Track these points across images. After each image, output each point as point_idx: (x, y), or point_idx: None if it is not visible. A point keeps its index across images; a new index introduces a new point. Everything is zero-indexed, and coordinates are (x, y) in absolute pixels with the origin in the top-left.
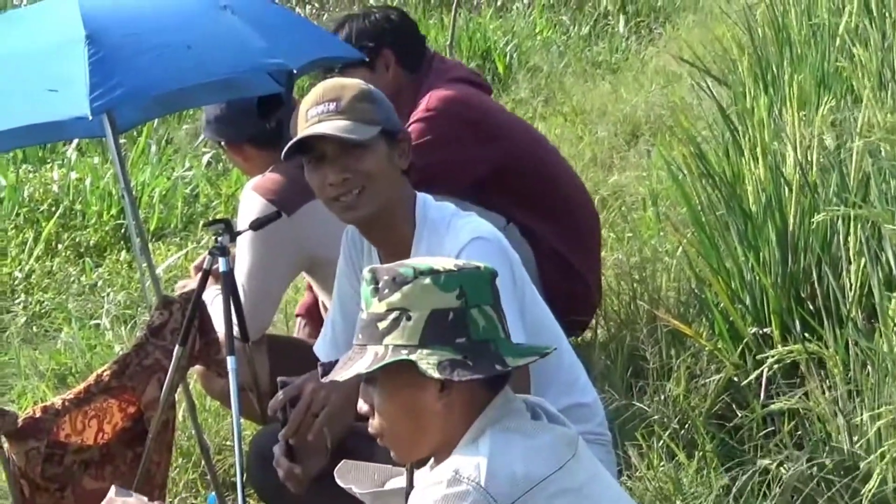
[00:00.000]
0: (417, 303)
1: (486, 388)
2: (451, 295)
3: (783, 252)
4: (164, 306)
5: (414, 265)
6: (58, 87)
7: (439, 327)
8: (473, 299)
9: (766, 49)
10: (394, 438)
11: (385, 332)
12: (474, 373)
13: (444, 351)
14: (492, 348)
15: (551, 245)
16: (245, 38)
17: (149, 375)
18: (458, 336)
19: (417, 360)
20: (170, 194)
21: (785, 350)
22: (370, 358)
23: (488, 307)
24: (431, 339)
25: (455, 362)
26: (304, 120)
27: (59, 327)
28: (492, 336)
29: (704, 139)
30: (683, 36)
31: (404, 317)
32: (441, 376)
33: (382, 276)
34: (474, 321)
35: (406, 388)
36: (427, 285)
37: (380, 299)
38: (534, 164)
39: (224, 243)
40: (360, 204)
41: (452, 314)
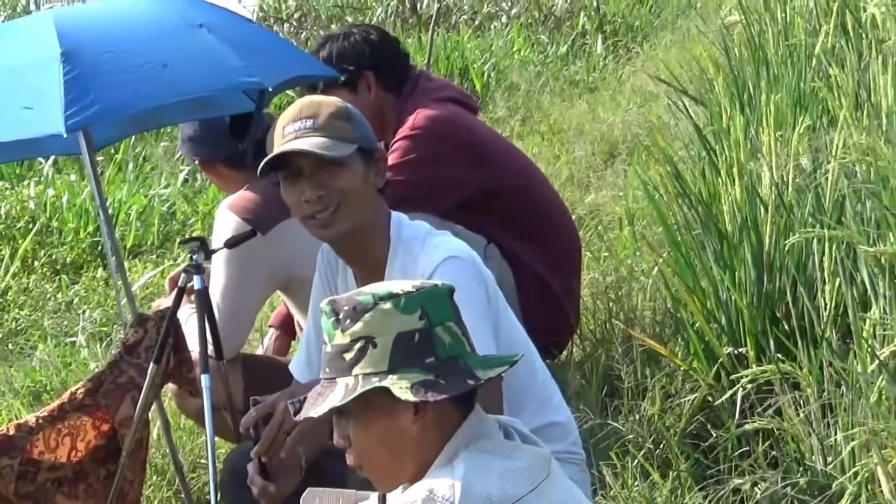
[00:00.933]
0: (381, 329)
1: (457, 409)
2: (414, 317)
3: (758, 272)
4: (139, 324)
5: (372, 291)
6: (33, 104)
7: (406, 350)
8: (436, 318)
9: (742, 69)
10: (373, 469)
11: (353, 362)
12: (448, 391)
13: (415, 373)
14: (461, 364)
15: (533, 269)
16: (221, 56)
17: (123, 393)
18: (426, 356)
19: (391, 386)
20: (146, 212)
21: (759, 370)
22: (342, 390)
23: (452, 323)
24: (400, 363)
25: (427, 383)
26: (281, 136)
27: (34, 344)
28: (459, 351)
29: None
30: (660, 55)
31: (370, 345)
32: (416, 398)
33: (342, 307)
34: (440, 339)
35: (381, 416)
36: (388, 310)
37: (342, 331)
38: (521, 189)
39: (199, 261)
40: (336, 221)
41: (418, 335)
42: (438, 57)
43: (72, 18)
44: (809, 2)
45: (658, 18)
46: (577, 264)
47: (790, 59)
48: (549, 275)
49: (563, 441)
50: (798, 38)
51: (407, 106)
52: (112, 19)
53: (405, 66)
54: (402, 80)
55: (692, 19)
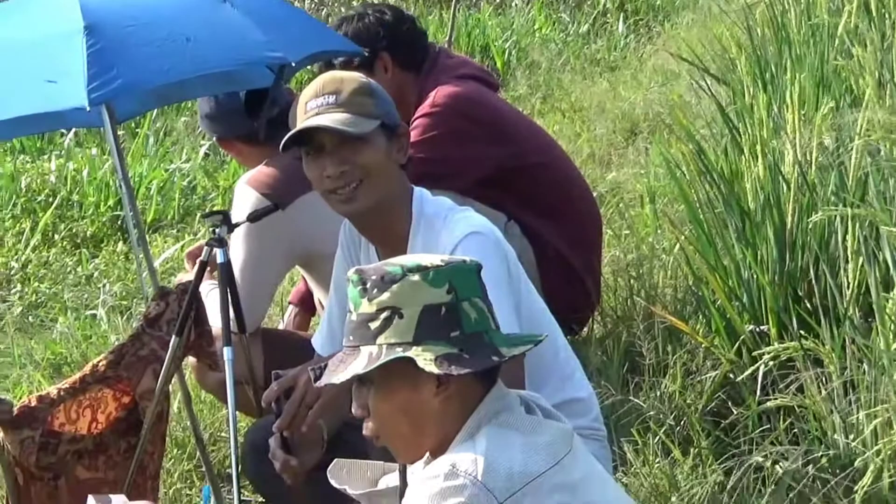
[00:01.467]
0: (408, 300)
1: (479, 383)
2: (442, 290)
3: (781, 250)
4: (161, 297)
5: (401, 263)
6: (56, 77)
7: (432, 323)
8: (463, 293)
9: (765, 48)
10: (392, 439)
11: (377, 331)
12: (472, 366)
13: (440, 346)
14: (485, 339)
15: (554, 246)
16: (244, 31)
17: (144, 366)
18: (452, 330)
19: (415, 357)
20: (167, 186)
21: (781, 347)
22: (365, 358)
23: (478, 299)
24: (425, 335)
25: (451, 356)
26: (303, 112)
27: (54, 317)
28: (484, 327)
29: (703, 137)
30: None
31: (396, 315)
32: (440, 371)
33: (370, 277)
34: (466, 314)
35: (403, 386)
36: (416, 282)
37: (369, 300)
38: (541, 167)
39: (222, 234)
40: (358, 197)
41: (444, 309)
42: (460, 35)
43: None
44: None
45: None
46: (598, 242)
47: (813, 39)
48: (570, 252)
49: (585, 417)
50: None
51: (427, 84)
52: None
53: (422, 45)
54: (419, 59)
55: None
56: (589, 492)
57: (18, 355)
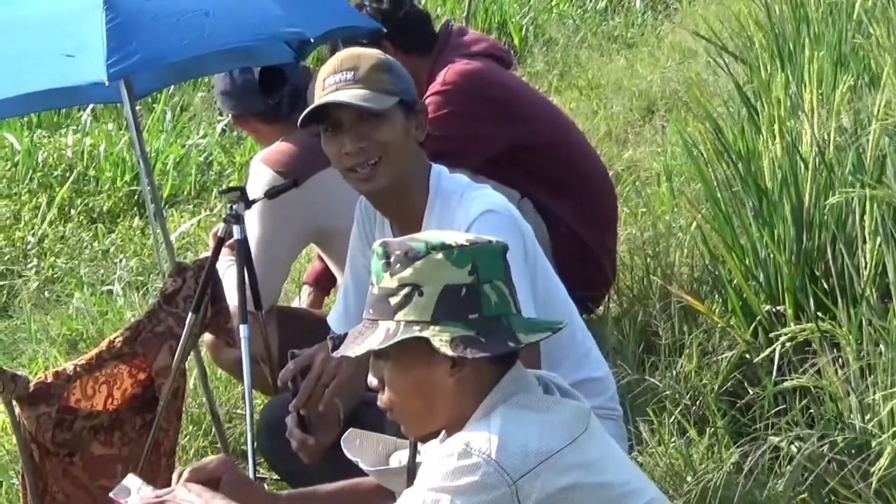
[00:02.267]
0: (430, 278)
1: (497, 364)
2: (464, 270)
3: (798, 230)
4: (178, 273)
5: (426, 239)
6: (75, 52)
7: (452, 303)
8: (485, 275)
9: (783, 26)
10: (404, 413)
11: (397, 307)
12: (487, 350)
13: (457, 327)
14: (504, 324)
15: (567, 224)
16: (263, 6)
17: (161, 342)
18: (471, 312)
19: (430, 337)
20: (183, 161)
21: (798, 328)
22: (382, 334)
23: (500, 282)
24: (444, 315)
25: (467, 339)
26: (321, 88)
27: (70, 293)
28: (504, 311)
29: (720, 116)
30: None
31: (416, 292)
32: (454, 354)
33: (394, 251)
34: (486, 297)
35: (417, 364)
36: (439, 261)
37: (391, 274)
38: (555, 146)
39: (239, 211)
40: (377, 175)
41: (465, 290)
42: (477, 10)
43: None
44: None
45: None
46: (614, 220)
47: (831, 17)
48: (584, 230)
49: (601, 396)
50: None
51: (439, 62)
52: None
53: (424, 28)
54: (424, 41)
55: None
56: (605, 471)
57: (35, 331)
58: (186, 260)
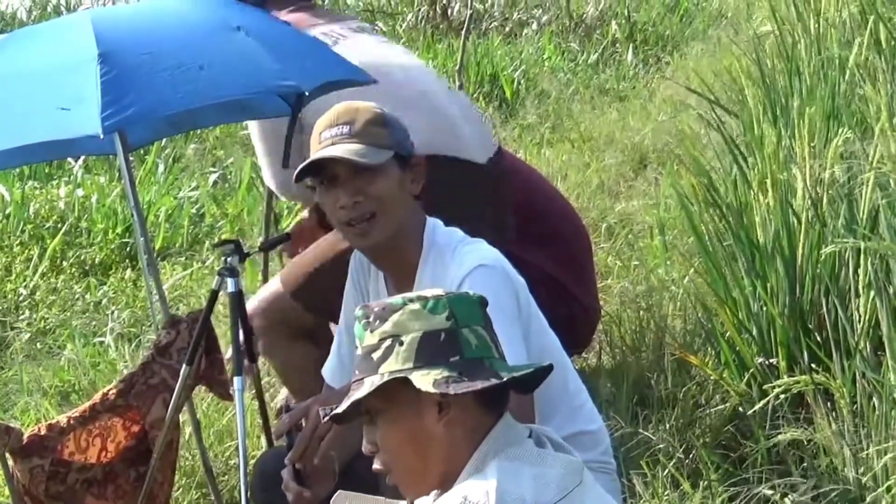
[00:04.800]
0: (408, 327)
1: (486, 413)
2: (442, 317)
3: (791, 282)
4: (172, 325)
5: (403, 295)
6: (70, 105)
7: (432, 348)
8: (464, 320)
9: (775, 80)
10: (400, 471)
11: (380, 361)
12: (470, 385)
13: (439, 369)
14: (486, 365)
15: (543, 270)
16: (258, 59)
17: (154, 395)
18: (452, 355)
19: (413, 378)
20: (175, 213)
21: (791, 380)
22: (367, 387)
23: (479, 327)
24: (425, 360)
25: (450, 378)
26: (318, 142)
27: (62, 344)
28: (485, 354)
29: (713, 169)
30: (691, 65)
31: (396, 343)
32: (437, 390)
33: (373, 310)
34: (466, 340)
35: (406, 414)
36: (416, 310)
37: (371, 331)
38: (521, 199)
39: (233, 264)
40: (373, 230)
41: (444, 334)
42: (469, 63)
43: (109, 20)
44: (843, 13)
45: (689, 28)
46: (590, 264)
47: (823, 71)
48: (561, 275)
49: (594, 450)
50: (832, 50)
51: None
52: (149, 21)
53: None
54: None
55: (723, 29)
56: None
57: (27, 382)
58: (180, 312)
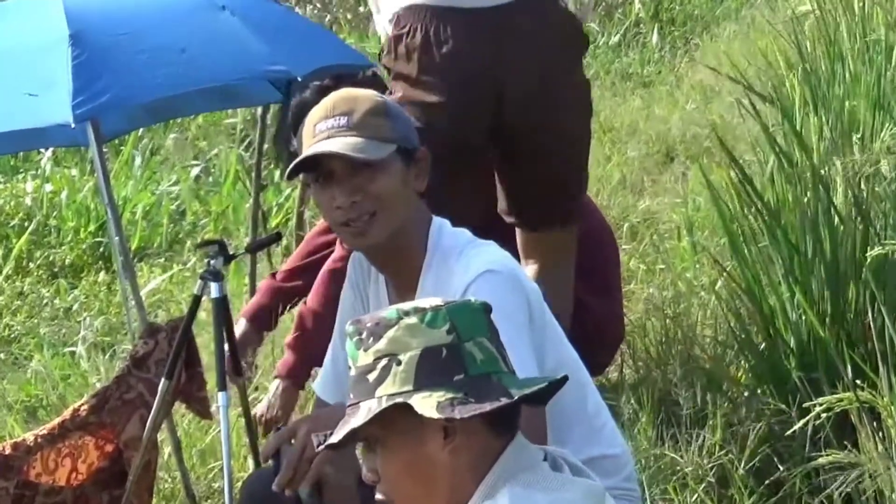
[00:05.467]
0: (406, 345)
1: (494, 436)
2: (441, 331)
3: (833, 288)
4: (149, 335)
5: (398, 307)
6: (38, 91)
7: (433, 367)
8: (466, 333)
9: (815, 65)
10: (403, 502)
11: (376, 383)
12: (478, 407)
13: (442, 390)
14: (493, 381)
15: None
16: (245, 41)
17: (130, 411)
18: (455, 373)
19: (414, 403)
20: (154, 210)
21: (834, 397)
22: (364, 413)
23: (484, 339)
24: (426, 381)
25: (455, 400)
26: (312, 135)
27: (29, 355)
28: (492, 369)
29: (747, 163)
30: (723, 48)
31: (394, 362)
32: (441, 416)
33: (365, 326)
34: (470, 355)
35: (409, 441)
36: (413, 324)
37: (365, 349)
38: None
39: (217, 266)
40: (371, 230)
41: (445, 350)
42: None
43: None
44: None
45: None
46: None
47: (868, 55)
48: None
49: (617, 475)
50: (878, 32)
51: None
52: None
53: None
54: None
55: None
56: None
57: None
58: (158, 320)
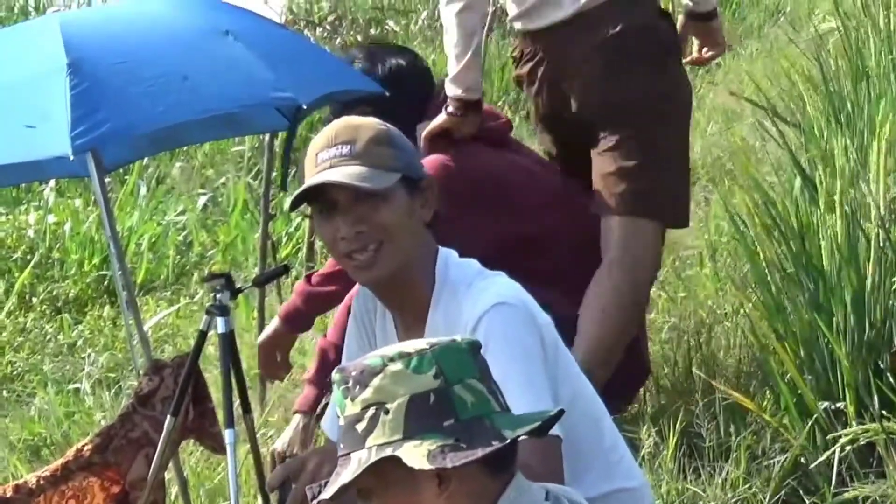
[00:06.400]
0: (392, 392)
1: (491, 478)
2: (428, 376)
3: (860, 316)
4: (155, 371)
5: (381, 353)
6: (36, 122)
7: (421, 414)
8: (454, 375)
9: (840, 84)
10: None
11: (365, 433)
12: (470, 454)
13: (433, 438)
14: (486, 424)
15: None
16: (249, 68)
17: (136, 450)
18: (445, 418)
19: (402, 455)
20: (160, 241)
21: (860, 429)
22: (354, 465)
23: (474, 380)
24: (416, 429)
25: (446, 447)
26: (314, 164)
27: (32, 392)
28: (484, 411)
29: (770, 186)
30: (745, 67)
31: (381, 411)
32: (433, 466)
33: (351, 374)
34: (460, 398)
35: (403, 492)
36: (399, 371)
37: (352, 399)
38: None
39: (224, 301)
40: (377, 262)
41: (434, 396)
42: (491, 67)
43: (80, 24)
44: None
45: (742, 25)
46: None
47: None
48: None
49: None
50: None
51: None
52: (126, 25)
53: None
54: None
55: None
56: None
57: None
58: (165, 355)
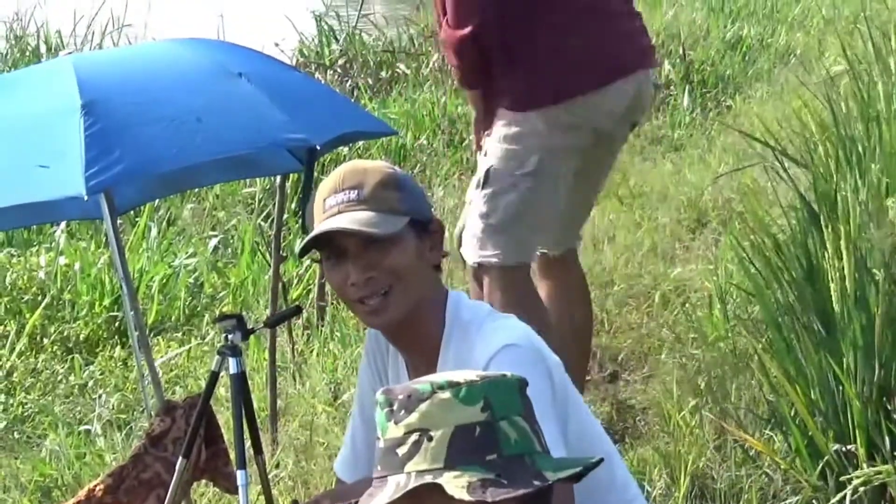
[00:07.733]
0: (438, 420)
1: None
2: (475, 408)
3: (870, 359)
4: (166, 412)
5: (431, 380)
6: (50, 162)
7: (465, 445)
8: (501, 411)
9: (850, 127)
10: None
11: (406, 458)
12: (510, 491)
13: (474, 470)
14: (527, 462)
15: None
16: (262, 109)
17: (147, 491)
18: (488, 453)
19: (444, 483)
20: (170, 283)
21: (872, 470)
22: (391, 489)
23: (519, 418)
24: (458, 459)
25: (486, 481)
26: (322, 210)
27: (43, 433)
28: (526, 449)
29: (780, 229)
30: (755, 110)
31: (425, 438)
32: (472, 498)
33: (397, 397)
34: (505, 434)
35: None
36: (447, 400)
37: (396, 422)
38: None
39: (235, 341)
40: (388, 307)
41: (479, 429)
42: None
43: (94, 65)
44: None
45: (752, 67)
46: None
47: None
48: None
49: None
50: None
51: None
52: (139, 67)
53: None
54: None
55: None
56: None
57: (2, 477)
58: (176, 396)
